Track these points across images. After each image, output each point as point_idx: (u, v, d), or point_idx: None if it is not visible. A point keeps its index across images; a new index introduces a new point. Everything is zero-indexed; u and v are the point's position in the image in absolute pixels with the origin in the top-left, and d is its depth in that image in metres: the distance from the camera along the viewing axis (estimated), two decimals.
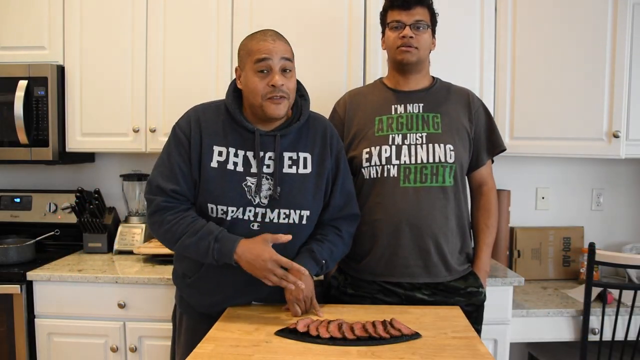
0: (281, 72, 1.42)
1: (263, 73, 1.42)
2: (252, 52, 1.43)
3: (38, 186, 2.63)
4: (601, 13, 2.11)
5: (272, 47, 1.41)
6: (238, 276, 1.45)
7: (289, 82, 1.44)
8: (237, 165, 1.46)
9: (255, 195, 1.45)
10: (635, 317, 1.98)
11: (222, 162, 1.45)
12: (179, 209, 1.45)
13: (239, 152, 1.47)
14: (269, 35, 1.44)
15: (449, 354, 1.20)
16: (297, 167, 1.50)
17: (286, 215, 1.47)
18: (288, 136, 1.50)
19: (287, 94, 1.43)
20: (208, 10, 2.22)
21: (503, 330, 1.97)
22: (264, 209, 1.46)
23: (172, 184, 1.45)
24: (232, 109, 1.48)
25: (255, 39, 1.45)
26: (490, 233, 1.77)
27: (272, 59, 1.41)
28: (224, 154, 1.46)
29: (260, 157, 1.46)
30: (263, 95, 1.42)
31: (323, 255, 1.50)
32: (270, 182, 1.46)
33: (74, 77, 2.28)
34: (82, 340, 2.01)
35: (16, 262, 2.15)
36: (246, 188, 1.45)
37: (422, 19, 1.66)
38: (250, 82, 1.43)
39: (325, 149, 1.54)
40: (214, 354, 1.20)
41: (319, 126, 1.57)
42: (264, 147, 1.47)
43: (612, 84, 2.11)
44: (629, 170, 2.60)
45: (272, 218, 1.46)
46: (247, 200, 1.45)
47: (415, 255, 1.65)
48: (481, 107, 1.78)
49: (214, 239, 1.39)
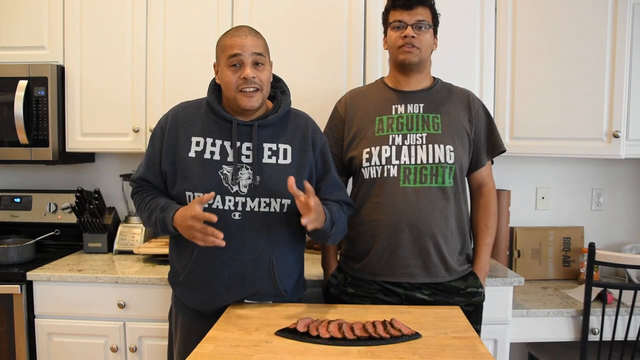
0: (253, 65, 1.48)
1: (236, 67, 1.48)
2: (226, 47, 1.49)
3: (38, 186, 2.64)
4: (601, 13, 2.11)
5: (244, 43, 1.47)
6: (222, 271, 1.51)
7: (261, 74, 1.49)
8: (214, 154, 1.51)
9: (233, 184, 1.49)
10: (635, 317, 1.98)
11: (199, 152, 1.51)
12: (144, 191, 1.59)
13: (217, 141, 1.52)
14: (241, 31, 1.50)
15: (449, 354, 1.20)
16: (277, 157, 1.54)
17: (266, 203, 1.51)
18: (268, 128, 1.55)
19: (259, 85, 1.49)
20: (208, 11, 2.22)
21: (503, 330, 1.97)
22: (244, 197, 1.49)
23: (139, 173, 1.60)
24: (211, 100, 1.55)
25: (229, 35, 1.51)
26: (490, 233, 1.77)
27: (244, 53, 1.47)
28: (201, 144, 1.52)
29: (238, 147, 1.51)
30: (236, 87, 1.48)
31: (335, 215, 1.51)
32: (250, 172, 1.50)
33: (74, 77, 2.28)
34: (82, 340, 2.02)
35: (16, 262, 2.15)
36: (222, 176, 1.49)
37: (424, 19, 1.66)
38: (225, 76, 1.50)
39: (306, 141, 1.58)
40: (214, 354, 1.20)
41: (300, 121, 1.61)
42: (241, 138, 1.52)
43: (612, 84, 2.11)
44: (629, 170, 2.60)
45: (252, 207, 1.50)
46: (224, 188, 1.49)
47: (414, 256, 1.65)
48: (481, 108, 1.78)
49: (160, 209, 1.49)
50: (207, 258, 1.50)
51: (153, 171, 1.57)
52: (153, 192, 1.59)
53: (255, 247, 1.51)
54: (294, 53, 2.19)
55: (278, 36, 2.16)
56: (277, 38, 2.16)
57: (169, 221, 1.45)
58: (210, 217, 1.38)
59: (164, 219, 1.47)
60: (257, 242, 1.51)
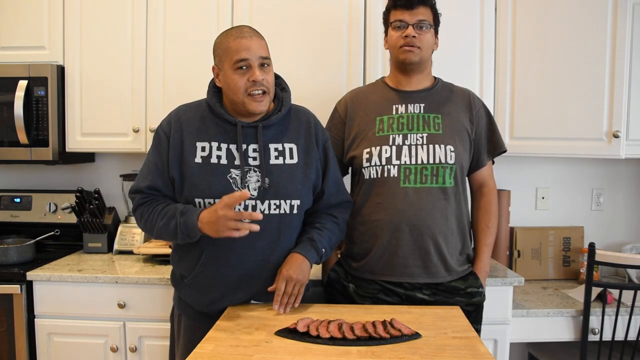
0: (260, 67, 1.45)
1: (243, 70, 1.44)
2: (231, 51, 1.45)
3: (38, 186, 2.64)
4: (601, 13, 2.10)
5: (250, 45, 1.44)
6: (231, 273, 1.49)
7: (268, 76, 1.47)
8: (221, 158, 1.48)
9: (243, 188, 1.47)
10: (635, 317, 1.98)
11: (205, 157, 1.48)
12: (154, 201, 1.52)
13: (222, 145, 1.49)
14: (245, 33, 1.46)
15: (449, 354, 1.20)
16: (284, 157, 1.52)
17: (277, 205, 1.49)
18: (272, 128, 1.52)
19: (267, 88, 1.47)
20: (208, 11, 2.22)
21: (503, 330, 1.97)
22: (254, 200, 1.48)
23: (147, 181, 1.51)
24: (212, 103, 1.52)
25: (232, 36, 1.46)
26: (490, 233, 1.77)
27: (251, 57, 1.44)
28: (207, 149, 1.49)
29: (244, 149, 1.49)
30: (244, 91, 1.45)
31: (323, 244, 1.54)
32: (259, 174, 1.48)
33: (74, 77, 2.28)
34: (82, 340, 2.02)
35: (16, 262, 2.15)
36: (231, 180, 1.47)
37: (425, 19, 1.66)
38: (231, 80, 1.45)
39: (310, 139, 1.56)
40: (214, 354, 1.20)
41: (302, 117, 1.59)
42: (246, 140, 1.50)
43: (612, 84, 2.11)
44: (629, 170, 2.60)
45: (262, 209, 1.48)
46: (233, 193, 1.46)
47: (414, 256, 1.65)
48: (482, 108, 1.77)
49: (180, 214, 1.42)
50: (216, 260, 1.48)
51: (163, 178, 1.51)
52: (163, 200, 1.52)
53: (264, 248, 1.49)
54: (294, 52, 2.19)
55: (278, 35, 2.16)
56: (277, 37, 2.16)
57: (194, 222, 1.39)
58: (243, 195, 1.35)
59: (187, 222, 1.40)
60: (267, 243, 1.49)
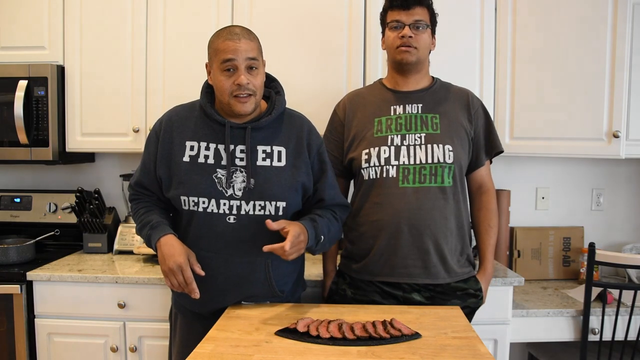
0: (247, 70, 1.44)
1: (229, 72, 1.44)
2: (219, 51, 1.45)
3: (38, 186, 2.64)
4: (601, 13, 2.10)
5: (237, 47, 1.42)
6: (217, 275, 1.50)
7: (255, 79, 1.46)
8: (208, 158, 1.50)
9: (228, 187, 1.48)
10: (635, 317, 1.98)
11: (193, 156, 1.50)
12: (141, 201, 1.60)
13: (210, 145, 1.51)
14: (234, 34, 1.45)
15: (449, 354, 1.20)
16: (272, 160, 1.52)
17: (261, 206, 1.50)
18: (262, 130, 1.53)
19: (253, 91, 1.46)
20: (208, 11, 2.21)
21: (503, 330, 1.96)
22: (239, 201, 1.48)
23: (135, 178, 1.60)
24: (203, 103, 1.53)
25: (222, 37, 1.46)
26: (494, 233, 1.77)
27: (237, 58, 1.43)
28: (195, 148, 1.51)
29: (231, 150, 1.49)
30: (229, 93, 1.45)
31: (322, 230, 1.51)
32: (244, 175, 1.48)
33: (74, 77, 2.28)
34: (82, 340, 2.01)
35: (16, 262, 2.15)
36: (216, 180, 1.48)
37: (421, 19, 1.66)
38: (217, 81, 1.46)
39: (302, 143, 1.56)
40: (214, 354, 1.20)
41: (296, 122, 1.59)
42: (235, 140, 1.50)
43: (612, 84, 2.11)
44: (629, 170, 2.60)
45: (247, 210, 1.49)
46: (218, 192, 1.48)
47: (414, 256, 1.64)
48: (480, 108, 1.77)
49: (150, 226, 1.50)
50: (202, 262, 1.48)
51: (149, 177, 1.56)
52: (148, 203, 1.59)
53: (250, 250, 1.49)
54: (293, 53, 2.19)
55: (278, 36, 2.16)
56: (277, 38, 2.16)
57: (155, 240, 1.48)
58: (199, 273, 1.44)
59: (150, 238, 1.50)
60: (253, 245, 1.48)
